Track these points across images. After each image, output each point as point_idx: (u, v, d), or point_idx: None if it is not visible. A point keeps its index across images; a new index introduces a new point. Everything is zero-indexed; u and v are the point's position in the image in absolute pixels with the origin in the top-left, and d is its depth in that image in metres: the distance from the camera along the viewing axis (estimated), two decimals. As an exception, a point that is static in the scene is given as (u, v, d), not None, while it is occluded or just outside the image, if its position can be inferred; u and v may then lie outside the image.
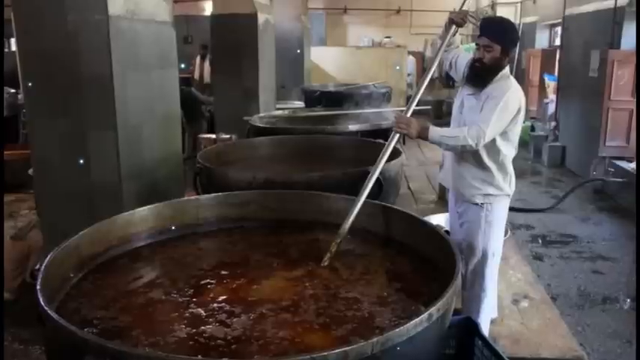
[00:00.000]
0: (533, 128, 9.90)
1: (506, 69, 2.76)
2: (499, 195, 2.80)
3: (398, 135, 2.64)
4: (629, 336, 3.70)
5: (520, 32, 9.76)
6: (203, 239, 2.37)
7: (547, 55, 10.57)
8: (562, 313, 3.64)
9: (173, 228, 2.35)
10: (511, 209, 3.11)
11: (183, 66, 9.07)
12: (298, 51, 9.45)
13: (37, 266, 1.72)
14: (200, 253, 2.26)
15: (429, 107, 6.13)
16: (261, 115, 5.42)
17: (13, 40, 4.54)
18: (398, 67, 11.40)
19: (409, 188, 5.99)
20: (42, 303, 1.47)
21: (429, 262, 2.02)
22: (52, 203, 3.01)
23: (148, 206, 2.31)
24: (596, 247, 5.35)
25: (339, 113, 5.31)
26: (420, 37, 14.20)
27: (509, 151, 2.78)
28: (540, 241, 5.56)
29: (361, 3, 14.68)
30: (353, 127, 4.53)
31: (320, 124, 4.74)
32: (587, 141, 7.88)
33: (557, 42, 10.13)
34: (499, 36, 2.70)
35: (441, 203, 5.19)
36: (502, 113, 2.62)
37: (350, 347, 1.30)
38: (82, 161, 2.88)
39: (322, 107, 6.53)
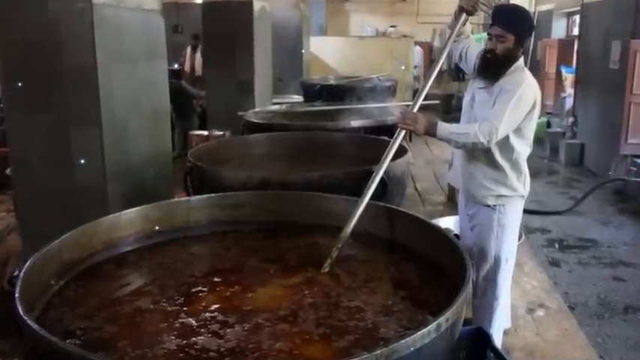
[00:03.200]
0: (549, 124, 9.91)
1: (521, 60, 2.77)
2: (513, 196, 2.81)
3: (404, 132, 2.64)
4: (652, 348, 3.71)
5: (535, 21, 9.76)
6: (194, 243, 2.37)
7: (564, 45, 10.58)
8: (580, 323, 3.64)
9: (158, 229, 2.34)
10: (525, 211, 3.11)
11: (176, 66, 9.04)
12: (297, 41, 9.44)
13: (16, 272, 1.72)
14: (191, 258, 2.26)
15: (437, 102, 6.14)
16: (257, 110, 5.43)
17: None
18: (403, 67, 11.37)
19: (416, 189, 6.00)
20: (21, 312, 1.47)
21: (437, 269, 2.02)
22: (32, 205, 3.01)
23: (135, 208, 2.31)
24: (617, 253, 5.36)
25: (340, 108, 5.30)
26: (428, 27, 14.20)
27: (523, 148, 2.79)
28: (557, 245, 5.57)
29: (364, -10, 14.73)
30: (355, 123, 4.53)
31: (320, 120, 4.74)
32: (608, 138, 7.89)
33: (575, 31, 10.15)
34: (513, 25, 2.70)
35: (451, 205, 5.20)
36: (516, 108, 2.63)
37: (352, 360, 1.31)
38: (64, 159, 2.88)
39: (322, 102, 6.51)
